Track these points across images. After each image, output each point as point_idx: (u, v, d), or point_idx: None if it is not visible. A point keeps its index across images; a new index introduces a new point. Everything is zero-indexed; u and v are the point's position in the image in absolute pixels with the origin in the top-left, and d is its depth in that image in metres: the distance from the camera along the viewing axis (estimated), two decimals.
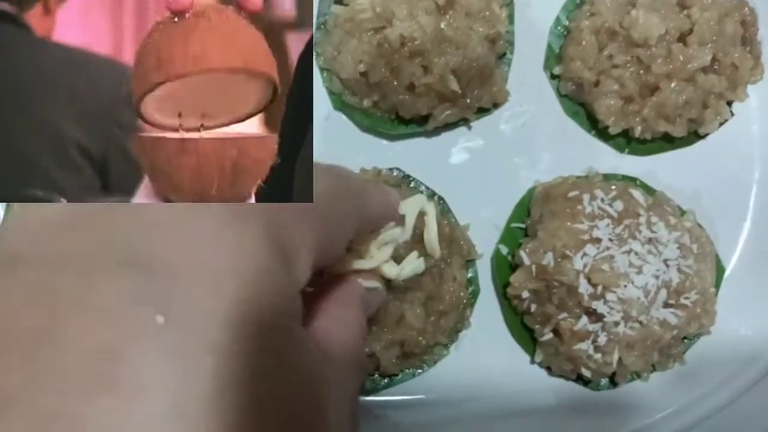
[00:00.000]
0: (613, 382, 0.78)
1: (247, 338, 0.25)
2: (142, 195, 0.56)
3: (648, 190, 0.81)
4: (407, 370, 0.78)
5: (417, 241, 0.73)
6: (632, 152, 0.83)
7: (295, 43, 0.83)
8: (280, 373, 0.27)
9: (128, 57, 0.71)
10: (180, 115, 0.53)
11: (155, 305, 0.24)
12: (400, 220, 0.57)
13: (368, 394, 0.78)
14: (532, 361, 0.79)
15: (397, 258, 0.70)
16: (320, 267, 0.35)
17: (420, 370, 0.78)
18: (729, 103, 0.82)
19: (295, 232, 0.31)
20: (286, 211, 0.31)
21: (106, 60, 0.67)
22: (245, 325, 0.26)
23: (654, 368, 0.78)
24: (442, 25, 0.73)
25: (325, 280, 0.47)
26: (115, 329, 0.24)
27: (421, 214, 0.73)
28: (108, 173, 0.67)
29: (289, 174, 0.59)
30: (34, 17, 0.67)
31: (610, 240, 0.72)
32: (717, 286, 0.80)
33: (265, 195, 0.55)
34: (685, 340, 0.79)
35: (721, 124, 0.82)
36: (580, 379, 0.78)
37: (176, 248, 0.26)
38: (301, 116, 0.60)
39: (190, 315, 0.25)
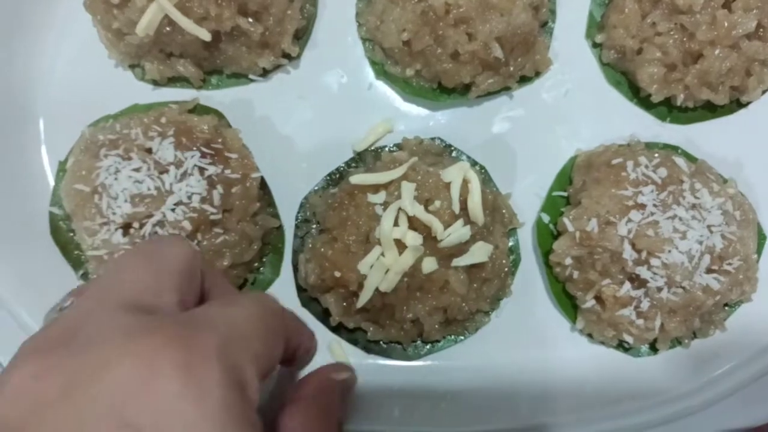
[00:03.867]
0: (654, 349, 0.78)
1: None
2: None
3: (690, 158, 0.81)
4: (449, 337, 0.79)
5: (461, 208, 0.74)
6: (674, 121, 0.83)
7: None
8: None
9: None
10: None
11: None
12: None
13: (410, 359, 0.79)
14: (573, 329, 0.80)
15: (443, 224, 0.71)
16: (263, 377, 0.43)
17: (462, 337, 0.79)
18: None
19: (244, 360, 0.38)
20: (235, 341, 0.38)
21: None
22: None
23: (695, 335, 0.78)
24: None
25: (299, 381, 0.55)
26: None
27: (465, 182, 0.74)
28: None
29: None
30: None
31: (655, 206, 0.72)
32: (759, 253, 0.80)
33: None
34: (727, 308, 0.79)
35: (764, 92, 0.82)
36: (620, 346, 0.78)
37: (153, 413, 0.33)
38: None
39: None
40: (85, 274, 0.78)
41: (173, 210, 0.70)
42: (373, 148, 0.82)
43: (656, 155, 0.76)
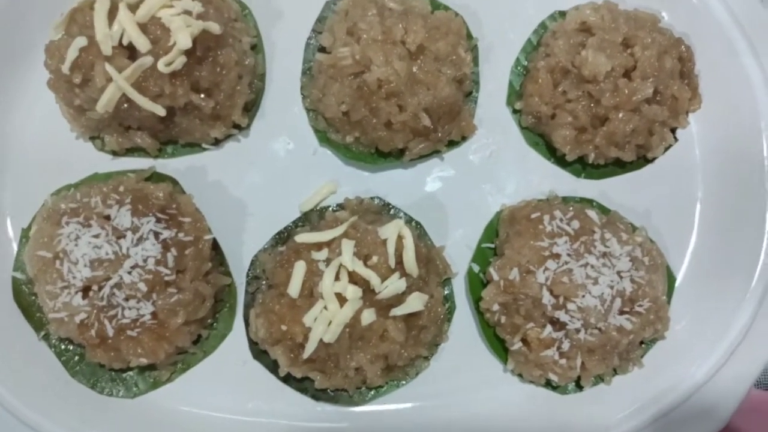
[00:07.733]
0: (579, 386, 0.86)
1: None
2: None
3: (603, 209, 0.90)
4: (392, 382, 0.85)
5: (397, 262, 0.81)
6: (588, 176, 0.92)
7: None
8: None
9: None
10: None
11: None
12: None
13: (357, 405, 0.85)
14: (505, 370, 0.87)
15: (380, 277, 0.78)
16: None
17: (404, 382, 0.85)
18: (673, 130, 0.92)
19: None
20: None
21: None
22: None
23: (615, 372, 0.86)
24: (414, 69, 0.82)
25: None
26: None
27: (400, 238, 0.81)
28: None
29: None
30: None
31: (569, 255, 0.80)
32: (670, 294, 0.89)
33: None
34: (643, 345, 0.87)
35: (666, 149, 0.92)
36: (548, 384, 0.86)
37: None
38: None
39: None
40: (46, 335, 0.83)
41: (130, 273, 0.75)
42: (318, 208, 0.89)
43: (571, 209, 0.84)
